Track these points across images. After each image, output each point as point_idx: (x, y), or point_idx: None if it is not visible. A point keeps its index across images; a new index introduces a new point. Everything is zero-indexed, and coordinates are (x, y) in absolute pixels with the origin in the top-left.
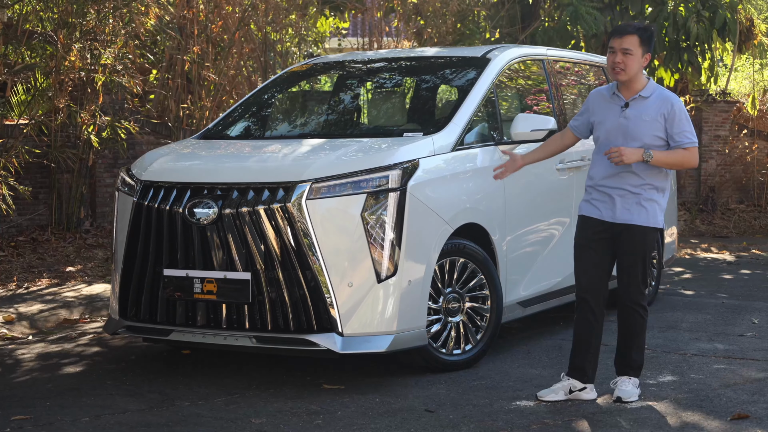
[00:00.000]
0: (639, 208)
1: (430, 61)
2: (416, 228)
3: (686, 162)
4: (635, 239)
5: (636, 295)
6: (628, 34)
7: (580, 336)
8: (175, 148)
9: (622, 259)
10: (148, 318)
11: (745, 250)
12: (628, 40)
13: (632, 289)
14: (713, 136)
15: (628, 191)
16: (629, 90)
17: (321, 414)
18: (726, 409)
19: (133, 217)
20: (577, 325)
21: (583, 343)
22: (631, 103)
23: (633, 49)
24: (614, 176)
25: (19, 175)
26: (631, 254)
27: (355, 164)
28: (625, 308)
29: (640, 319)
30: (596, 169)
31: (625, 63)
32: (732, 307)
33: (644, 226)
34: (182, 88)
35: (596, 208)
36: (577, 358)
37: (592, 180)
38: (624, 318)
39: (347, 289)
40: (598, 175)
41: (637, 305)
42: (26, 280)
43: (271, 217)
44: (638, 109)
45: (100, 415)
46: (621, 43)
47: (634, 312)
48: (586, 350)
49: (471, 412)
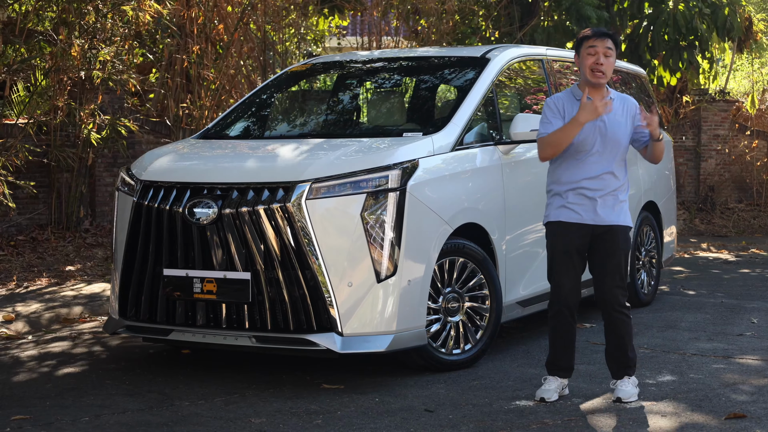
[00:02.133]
0: (618, 208)
1: (429, 61)
2: (416, 228)
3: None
4: (617, 240)
5: (621, 297)
6: (608, 37)
7: (563, 340)
8: (174, 148)
9: (604, 261)
10: (147, 318)
11: (744, 250)
12: (608, 41)
13: (617, 291)
14: (712, 135)
15: (607, 193)
16: (600, 93)
17: (320, 414)
18: (725, 408)
19: (133, 217)
20: (558, 330)
21: (566, 346)
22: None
23: (612, 51)
24: (595, 178)
25: (19, 173)
26: (615, 255)
27: (355, 164)
28: (613, 312)
29: (628, 320)
30: (571, 172)
31: (606, 64)
32: (731, 306)
33: (625, 225)
34: (182, 87)
35: (575, 212)
36: (563, 359)
37: (567, 184)
38: (613, 323)
39: (347, 289)
40: (576, 178)
41: (623, 307)
42: (26, 280)
43: (271, 217)
44: (612, 111)
45: (99, 415)
46: (604, 44)
47: (622, 315)
48: (569, 351)
49: (470, 411)
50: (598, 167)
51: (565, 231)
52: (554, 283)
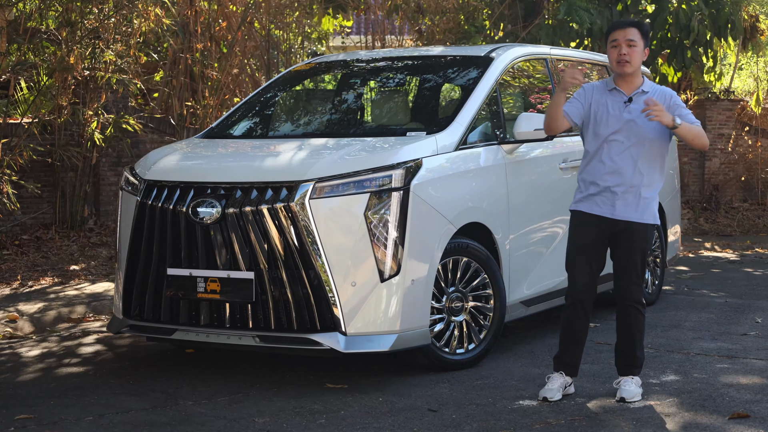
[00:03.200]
0: (639, 205)
1: (433, 60)
2: (419, 227)
3: (702, 135)
4: (636, 237)
5: (637, 293)
6: (630, 27)
7: (573, 335)
8: (178, 147)
9: (622, 257)
10: (151, 317)
11: (748, 249)
12: (631, 32)
13: (633, 288)
14: (717, 134)
15: (629, 188)
16: (630, 85)
17: (324, 413)
18: (729, 408)
19: (137, 217)
20: (570, 324)
21: (576, 342)
22: (634, 98)
23: (636, 41)
24: (616, 173)
25: (24, 173)
26: (631, 252)
27: (359, 163)
28: (627, 308)
29: (641, 317)
30: (595, 163)
31: (630, 54)
32: (735, 306)
33: (645, 223)
34: (186, 86)
35: (595, 204)
36: (569, 355)
37: (590, 176)
38: (626, 318)
39: (350, 289)
40: (598, 170)
41: (638, 303)
42: (30, 279)
43: (275, 217)
44: (641, 104)
45: (103, 414)
46: (625, 35)
47: (635, 311)
48: (578, 348)
49: (474, 411)
50: (621, 161)
51: (583, 222)
52: (569, 276)
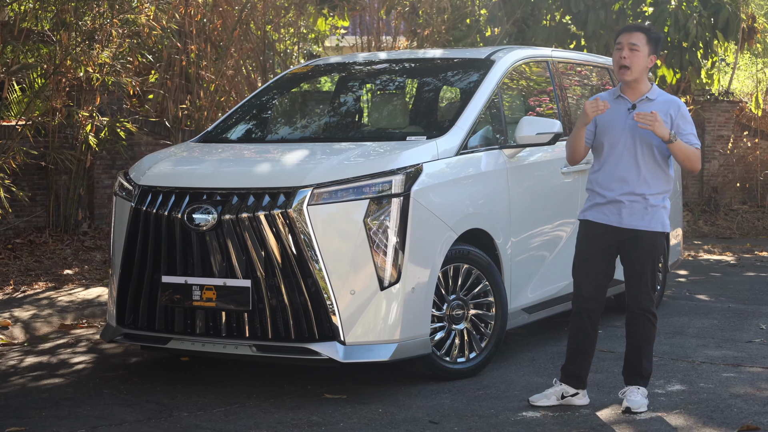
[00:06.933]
0: (647, 213)
1: (433, 62)
2: (420, 234)
3: (695, 159)
4: (644, 245)
5: (646, 302)
6: (636, 31)
7: (578, 344)
8: (173, 151)
9: (631, 266)
10: (146, 325)
11: (748, 252)
12: (636, 36)
13: (642, 296)
14: (716, 136)
15: (636, 196)
16: (635, 92)
17: (323, 425)
18: (737, 419)
19: (131, 223)
20: (575, 333)
21: (580, 352)
22: (639, 105)
23: (640, 46)
24: (623, 181)
25: (17, 176)
26: (640, 261)
27: (358, 169)
28: (636, 316)
29: (650, 326)
30: (602, 173)
31: (631, 59)
32: (738, 311)
33: (653, 231)
34: (181, 88)
35: (602, 213)
36: (573, 365)
37: (598, 185)
38: (634, 326)
39: (349, 297)
40: (605, 178)
41: (648, 312)
42: (23, 284)
43: (272, 223)
44: (646, 111)
45: (96, 426)
46: (629, 38)
47: (645, 319)
48: (583, 358)
49: (476, 423)
50: (628, 169)
51: (590, 231)
52: (575, 284)
